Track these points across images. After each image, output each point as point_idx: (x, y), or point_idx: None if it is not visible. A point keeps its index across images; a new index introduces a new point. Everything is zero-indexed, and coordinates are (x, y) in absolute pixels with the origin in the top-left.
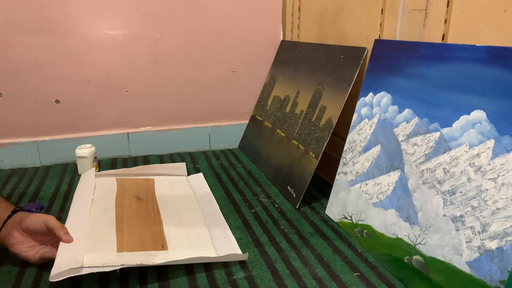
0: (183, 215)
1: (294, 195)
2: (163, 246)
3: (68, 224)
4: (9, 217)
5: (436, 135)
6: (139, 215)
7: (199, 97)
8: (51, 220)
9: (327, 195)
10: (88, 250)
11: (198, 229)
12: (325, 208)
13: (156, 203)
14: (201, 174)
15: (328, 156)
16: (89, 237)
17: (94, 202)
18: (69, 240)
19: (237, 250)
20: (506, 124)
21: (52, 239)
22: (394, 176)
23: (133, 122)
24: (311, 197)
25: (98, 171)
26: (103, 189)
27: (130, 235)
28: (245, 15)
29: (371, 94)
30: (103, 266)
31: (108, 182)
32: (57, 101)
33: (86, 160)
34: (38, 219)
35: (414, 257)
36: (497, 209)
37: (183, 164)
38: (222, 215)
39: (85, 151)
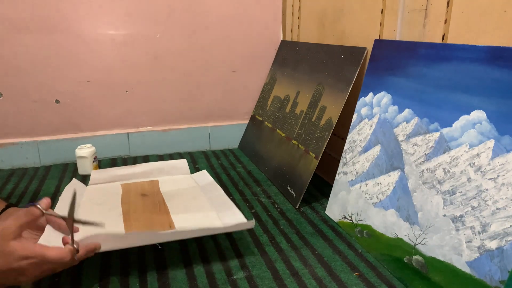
0: (189, 202)
1: (294, 195)
2: (170, 226)
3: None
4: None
5: (436, 135)
6: (146, 208)
7: (199, 97)
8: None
9: (327, 195)
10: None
11: (204, 212)
12: (325, 208)
13: (162, 197)
14: (205, 170)
15: (328, 156)
16: (95, 229)
17: (98, 204)
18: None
19: (243, 220)
20: (506, 124)
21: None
22: (394, 176)
23: (133, 122)
24: (311, 197)
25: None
26: (108, 192)
27: (138, 222)
28: (245, 15)
29: (371, 94)
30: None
31: (113, 187)
32: (57, 101)
33: (86, 160)
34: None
35: (414, 257)
36: (497, 209)
37: (184, 161)
38: (227, 196)
39: (85, 151)
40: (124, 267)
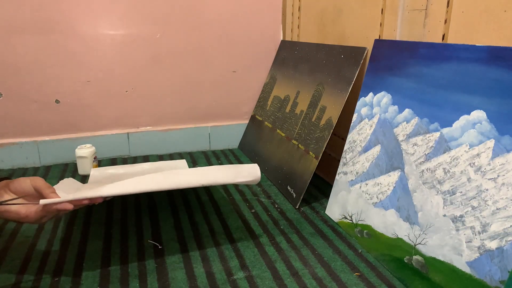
0: None
1: (294, 195)
2: None
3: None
4: None
5: (436, 135)
6: None
7: (199, 97)
8: (38, 180)
9: (327, 195)
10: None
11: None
12: (325, 208)
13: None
14: None
15: (328, 156)
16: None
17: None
18: (58, 197)
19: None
20: (506, 124)
21: None
22: (394, 176)
23: (133, 122)
24: (311, 197)
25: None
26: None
27: None
28: (245, 15)
29: (371, 94)
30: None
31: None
32: (57, 101)
33: (86, 160)
34: (25, 180)
35: (414, 257)
36: (497, 209)
37: (184, 161)
38: None
39: (85, 151)
40: (124, 267)
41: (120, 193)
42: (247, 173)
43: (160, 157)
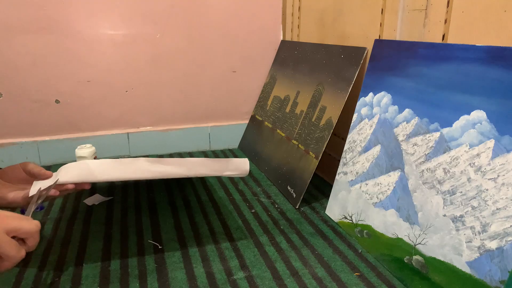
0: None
1: (294, 195)
2: None
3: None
4: None
5: (436, 135)
6: None
7: (199, 97)
8: (28, 164)
9: (327, 195)
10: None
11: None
12: (325, 208)
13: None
14: None
15: (328, 156)
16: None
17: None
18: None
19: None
20: (506, 124)
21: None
22: (394, 176)
23: (133, 122)
24: (311, 197)
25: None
26: None
27: None
28: (245, 15)
29: (371, 94)
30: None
31: None
32: (57, 101)
33: (86, 160)
34: (16, 167)
35: (414, 257)
36: (497, 209)
37: None
38: None
39: (85, 151)
40: (124, 267)
41: (106, 180)
42: (235, 167)
43: (160, 157)
